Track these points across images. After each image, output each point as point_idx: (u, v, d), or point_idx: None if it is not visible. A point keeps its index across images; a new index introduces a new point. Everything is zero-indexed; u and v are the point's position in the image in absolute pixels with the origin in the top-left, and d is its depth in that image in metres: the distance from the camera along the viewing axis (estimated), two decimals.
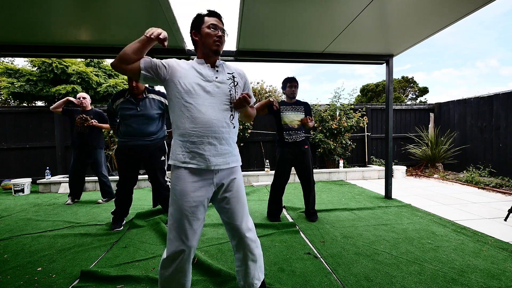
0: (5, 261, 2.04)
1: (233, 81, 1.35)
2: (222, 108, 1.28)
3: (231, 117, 1.32)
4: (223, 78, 1.32)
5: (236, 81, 1.37)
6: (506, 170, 5.04)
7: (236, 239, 1.39)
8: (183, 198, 1.23)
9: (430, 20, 2.79)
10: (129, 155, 2.62)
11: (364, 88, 15.60)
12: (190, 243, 1.23)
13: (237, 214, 1.35)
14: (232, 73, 1.38)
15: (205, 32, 1.28)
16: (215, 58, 1.33)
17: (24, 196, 4.43)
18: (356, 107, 6.50)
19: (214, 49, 1.29)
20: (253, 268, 1.41)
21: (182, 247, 1.22)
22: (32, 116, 5.71)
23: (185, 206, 1.22)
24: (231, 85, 1.33)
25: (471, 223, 2.79)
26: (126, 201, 2.75)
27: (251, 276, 1.41)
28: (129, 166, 2.65)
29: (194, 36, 1.33)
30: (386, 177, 3.93)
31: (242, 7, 2.45)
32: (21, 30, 2.89)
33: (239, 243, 1.38)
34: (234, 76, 1.37)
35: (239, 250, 1.39)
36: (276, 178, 2.89)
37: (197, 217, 1.25)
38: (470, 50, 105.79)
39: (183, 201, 1.23)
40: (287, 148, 2.83)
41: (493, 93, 5.38)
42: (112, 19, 2.70)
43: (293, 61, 3.87)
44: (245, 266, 1.40)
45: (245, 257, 1.39)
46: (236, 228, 1.35)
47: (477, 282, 1.67)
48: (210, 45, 1.28)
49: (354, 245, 2.25)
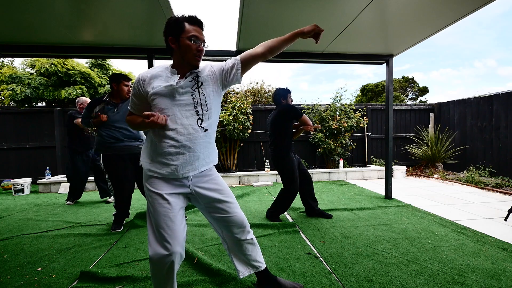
0: (5, 261, 2.04)
1: (196, 82, 1.26)
2: (188, 115, 1.24)
3: (199, 121, 1.25)
4: (186, 83, 1.24)
5: (200, 81, 1.27)
6: (506, 170, 5.04)
7: (232, 239, 1.44)
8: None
9: (430, 20, 2.79)
10: (119, 159, 2.60)
11: (364, 88, 15.60)
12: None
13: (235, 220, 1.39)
14: (194, 73, 1.28)
15: (185, 44, 1.20)
16: (190, 69, 1.28)
17: (24, 196, 4.44)
18: (356, 107, 6.49)
19: (194, 64, 1.25)
20: (252, 249, 1.48)
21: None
22: (32, 116, 5.71)
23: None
24: (194, 88, 1.25)
25: (471, 223, 2.79)
26: (127, 203, 2.75)
27: (253, 257, 1.47)
28: (122, 168, 2.61)
29: (171, 43, 1.23)
30: (386, 177, 3.93)
31: (242, 7, 2.45)
32: (21, 30, 2.89)
33: (235, 232, 1.42)
34: (198, 76, 1.27)
35: (235, 233, 1.43)
36: (293, 183, 2.79)
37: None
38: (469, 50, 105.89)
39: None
40: (290, 149, 2.85)
41: (493, 93, 5.38)
42: (112, 19, 2.70)
43: (293, 61, 3.87)
44: (241, 248, 1.46)
45: (239, 243, 1.44)
46: (235, 234, 1.42)
47: (477, 282, 1.67)
48: (190, 59, 1.23)
49: (354, 245, 2.25)
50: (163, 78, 1.24)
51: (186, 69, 1.27)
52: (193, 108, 1.24)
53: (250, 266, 1.49)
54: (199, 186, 1.31)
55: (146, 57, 3.40)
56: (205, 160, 1.30)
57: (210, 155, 1.34)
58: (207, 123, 1.27)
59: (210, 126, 1.30)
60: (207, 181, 1.33)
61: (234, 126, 5.50)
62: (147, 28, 2.89)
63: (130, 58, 3.65)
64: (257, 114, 6.21)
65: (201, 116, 1.26)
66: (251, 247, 1.47)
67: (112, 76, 2.64)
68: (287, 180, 2.80)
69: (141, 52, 3.40)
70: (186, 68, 1.27)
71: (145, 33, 3.02)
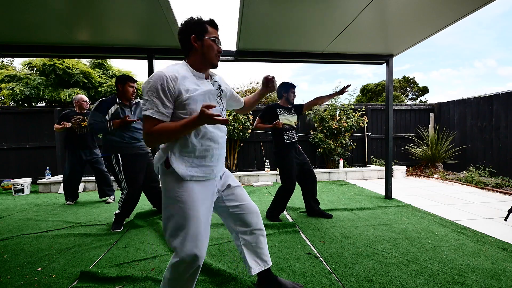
0: (5, 261, 2.04)
1: (220, 91, 1.37)
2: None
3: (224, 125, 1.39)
4: (215, 90, 1.34)
5: (223, 89, 1.39)
6: (506, 170, 5.04)
7: (248, 225, 1.49)
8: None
9: (430, 20, 2.79)
10: (139, 158, 2.68)
11: (364, 88, 15.60)
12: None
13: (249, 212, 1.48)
14: (217, 81, 1.38)
15: (208, 44, 1.26)
16: (209, 69, 1.35)
17: (24, 196, 4.43)
18: (356, 107, 6.50)
19: (215, 63, 1.30)
20: (265, 243, 1.54)
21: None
22: (32, 116, 5.71)
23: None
24: (218, 95, 1.34)
25: (471, 223, 2.79)
26: (134, 205, 2.77)
27: (266, 251, 1.54)
28: (139, 170, 2.70)
29: (193, 41, 1.25)
30: (386, 177, 3.93)
31: (242, 7, 2.45)
32: (21, 30, 2.89)
33: (249, 226, 1.48)
34: (220, 85, 1.38)
35: (249, 228, 1.48)
36: (290, 177, 2.81)
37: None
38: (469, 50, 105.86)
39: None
40: (289, 148, 2.85)
41: (493, 93, 5.38)
42: (112, 19, 2.70)
43: (293, 61, 3.87)
44: (256, 242, 1.50)
45: (256, 235, 1.50)
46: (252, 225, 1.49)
47: (477, 282, 1.67)
48: (212, 58, 1.28)
49: (354, 245, 2.25)
50: (190, 79, 1.22)
51: (205, 70, 1.32)
52: (220, 112, 1.33)
53: (262, 261, 1.51)
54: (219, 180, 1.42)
55: (146, 57, 3.40)
56: (225, 161, 1.45)
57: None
58: (225, 128, 1.40)
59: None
60: (223, 176, 1.46)
61: (234, 126, 5.50)
62: (147, 28, 2.89)
63: (130, 58, 3.65)
64: (257, 114, 6.21)
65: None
66: (264, 240, 1.53)
67: (118, 78, 2.67)
68: (284, 178, 2.86)
69: (141, 52, 3.40)
70: (206, 69, 1.31)
71: (145, 33, 3.02)
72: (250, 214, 1.47)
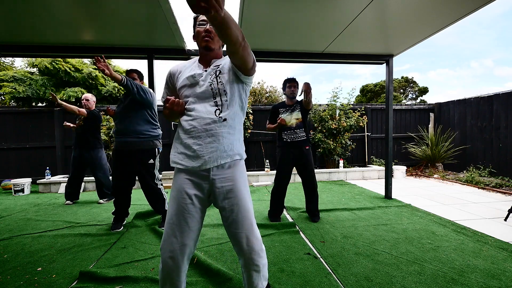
0: (5, 261, 2.04)
1: (215, 72, 1.25)
2: (207, 105, 1.23)
3: (217, 112, 1.22)
4: (206, 75, 1.25)
5: (219, 69, 1.25)
6: (506, 170, 5.04)
7: (239, 254, 1.30)
8: None
9: (430, 20, 2.79)
10: (119, 154, 2.60)
11: (363, 88, 15.61)
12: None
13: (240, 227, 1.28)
14: (218, 65, 1.28)
15: (196, 31, 1.27)
16: (211, 55, 1.28)
17: (24, 196, 4.43)
18: (355, 107, 6.50)
19: (203, 45, 1.25)
20: (256, 277, 1.31)
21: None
22: (32, 116, 5.71)
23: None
24: (212, 78, 1.23)
25: (471, 223, 2.79)
26: (123, 202, 2.72)
27: (254, 285, 1.32)
28: (119, 165, 2.62)
29: (193, 39, 1.33)
30: (386, 177, 3.93)
31: (242, 7, 2.45)
32: (21, 30, 2.89)
33: (241, 255, 1.29)
34: (218, 66, 1.27)
35: (241, 257, 1.30)
36: (278, 179, 2.88)
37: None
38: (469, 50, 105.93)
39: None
40: (287, 148, 2.83)
41: (493, 93, 5.38)
42: (112, 20, 2.70)
43: (293, 61, 3.87)
44: (247, 274, 1.30)
45: (247, 266, 1.29)
46: (239, 247, 1.27)
47: (477, 282, 1.67)
48: (200, 42, 1.27)
49: (354, 245, 2.25)
50: (189, 69, 1.30)
51: (207, 59, 1.30)
52: (212, 99, 1.22)
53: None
54: (218, 178, 1.24)
55: (146, 57, 3.40)
56: (226, 153, 1.23)
57: (233, 147, 1.25)
58: (226, 113, 1.22)
59: (231, 116, 1.24)
60: (226, 173, 1.25)
61: None
62: (147, 28, 2.89)
63: (130, 58, 3.65)
64: (257, 114, 6.21)
65: (220, 107, 1.23)
66: (257, 276, 1.31)
67: (127, 71, 2.72)
68: (275, 178, 2.93)
69: (141, 52, 3.40)
70: (207, 57, 1.29)
71: (145, 33, 3.02)
72: (240, 235, 1.27)
